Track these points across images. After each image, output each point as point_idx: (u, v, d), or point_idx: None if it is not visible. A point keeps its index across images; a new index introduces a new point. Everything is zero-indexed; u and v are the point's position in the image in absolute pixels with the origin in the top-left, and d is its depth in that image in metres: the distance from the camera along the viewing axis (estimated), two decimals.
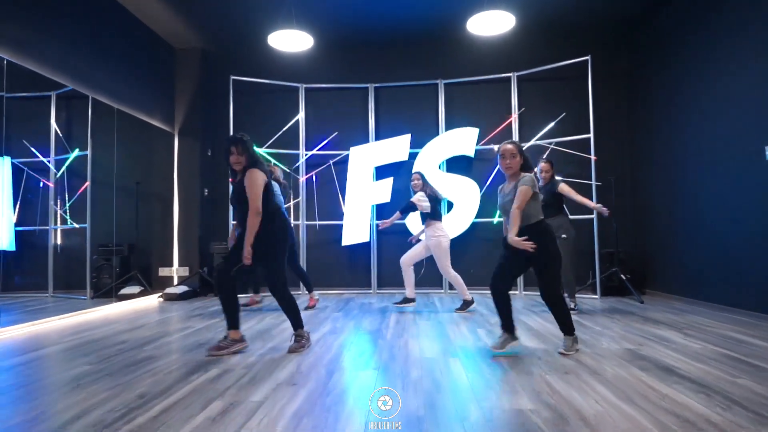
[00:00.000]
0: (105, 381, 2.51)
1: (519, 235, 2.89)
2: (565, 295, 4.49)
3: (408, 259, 4.96)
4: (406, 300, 4.99)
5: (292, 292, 3.28)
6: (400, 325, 4.08)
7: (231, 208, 4.89)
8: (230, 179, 3.36)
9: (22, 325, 4.18)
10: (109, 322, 4.43)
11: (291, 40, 5.50)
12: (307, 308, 5.07)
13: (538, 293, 3.10)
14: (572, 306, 4.61)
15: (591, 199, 5.68)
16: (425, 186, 4.89)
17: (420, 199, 4.79)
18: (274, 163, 6.01)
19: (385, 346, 3.29)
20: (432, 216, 4.83)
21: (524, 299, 5.60)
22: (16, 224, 5.57)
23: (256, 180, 3.05)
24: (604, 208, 4.56)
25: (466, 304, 4.82)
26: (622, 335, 3.54)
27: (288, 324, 4.12)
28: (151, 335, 3.75)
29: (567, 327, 3.04)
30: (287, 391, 2.32)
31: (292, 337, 3.25)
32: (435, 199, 4.85)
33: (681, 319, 4.16)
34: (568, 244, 4.41)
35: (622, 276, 5.58)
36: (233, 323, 3.16)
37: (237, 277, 3.12)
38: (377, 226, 4.70)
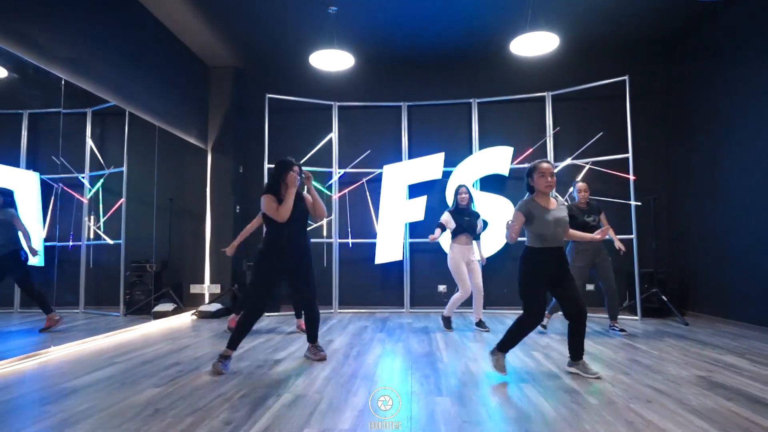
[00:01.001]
0: (182, 406, 2.47)
1: (561, 256, 3.09)
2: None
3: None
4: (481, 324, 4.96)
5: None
6: (452, 348, 4.02)
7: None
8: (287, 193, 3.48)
9: (69, 344, 4.14)
10: (151, 342, 4.39)
11: (331, 60, 5.53)
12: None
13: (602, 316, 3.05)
14: (620, 327, 4.70)
15: (630, 220, 5.67)
16: (471, 201, 5.00)
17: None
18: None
19: (448, 371, 3.24)
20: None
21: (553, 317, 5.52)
22: (47, 240, 5.59)
23: None
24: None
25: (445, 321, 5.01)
26: (685, 361, 3.47)
27: (336, 345, 4.09)
28: (202, 356, 3.70)
29: (577, 350, 3.13)
30: (371, 419, 2.27)
31: (314, 348, 3.64)
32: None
33: (737, 344, 4.08)
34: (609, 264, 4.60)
35: (663, 297, 5.50)
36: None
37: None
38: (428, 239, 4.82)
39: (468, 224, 4.84)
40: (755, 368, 3.23)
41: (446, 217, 4.90)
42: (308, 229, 3.72)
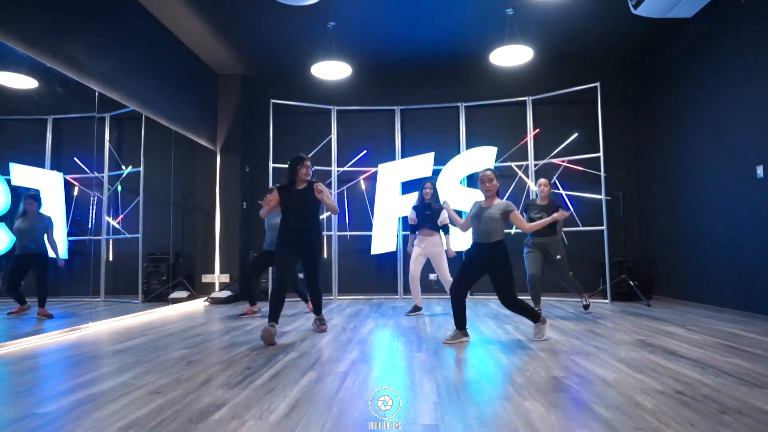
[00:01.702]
0: (209, 359, 3.07)
1: (486, 250, 3.57)
2: (581, 299, 5.11)
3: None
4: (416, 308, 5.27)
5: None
6: (436, 322, 4.62)
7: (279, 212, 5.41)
8: (280, 187, 4.12)
9: (102, 321, 4.75)
10: (171, 321, 4.99)
11: (331, 70, 6.13)
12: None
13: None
14: (586, 302, 5.18)
15: (601, 213, 6.26)
16: (435, 196, 5.15)
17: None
18: None
19: (429, 338, 3.84)
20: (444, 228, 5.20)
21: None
22: (71, 234, 6.18)
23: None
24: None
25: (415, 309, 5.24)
26: (632, 330, 4.07)
27: (335, 321, 4.68)
28: (218, 330, 4.31)
29: (533, 316, 3.65)
30: (364, 366, 2.87)
31: (318, 321, 4.25)
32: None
33: (684, 318, 4.68)
34: (563, 263, 4.85)
35: (631, 282, 6.10)
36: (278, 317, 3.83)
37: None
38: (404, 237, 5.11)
39: (428, 217, 5.04)
40: (687, 334, 3.83)
41: (411, 215, 5.18)
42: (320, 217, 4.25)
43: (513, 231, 6.81)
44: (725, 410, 2.06)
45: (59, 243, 5.31)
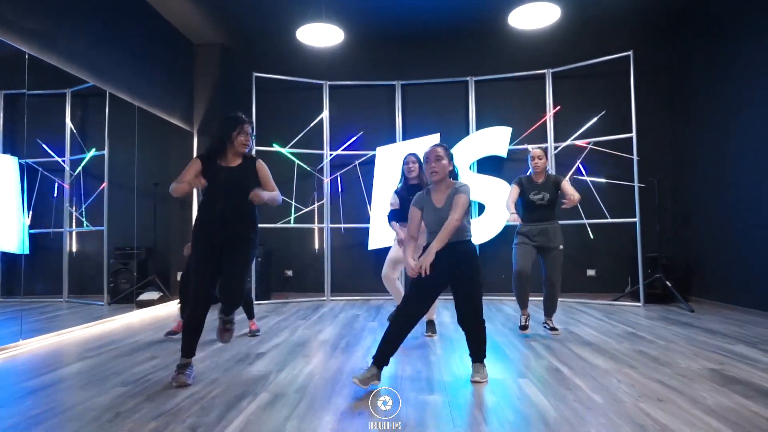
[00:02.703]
0: (146, 408, 2.25)
1: (447, 251, 2.60)
2: (545, 322, 3.87)
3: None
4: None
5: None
6: (445, 338, 3.81)
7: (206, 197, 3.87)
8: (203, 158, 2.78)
9: (41, 336, 3.92)
10: (133, 333, 4.18)
11: (320, 35, 5.25)
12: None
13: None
14: (550, 326, 3.81)
15: (633, 203, 5.43)
16: (422, 173, 3.68)
17: None
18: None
19: (441, 365, 3.02)
20: None
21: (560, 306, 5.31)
22: (30, 227, 5.36)
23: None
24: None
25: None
26: (694, 351, 3.26)
27: (325, 335, 3.86)
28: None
29: (483, 353, 2.74)
30: (356, 421, 2.06)
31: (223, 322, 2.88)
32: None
33: (746, 332, 3.87)
34: (561, 257, 3.75)
35: (667, 283, 5.30)
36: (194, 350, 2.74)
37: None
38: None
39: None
40: (766, 358, 3.03)
41: (393, 199, 3.79)
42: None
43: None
44: None
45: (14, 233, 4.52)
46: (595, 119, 5.85)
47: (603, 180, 5.83)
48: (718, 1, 5.33)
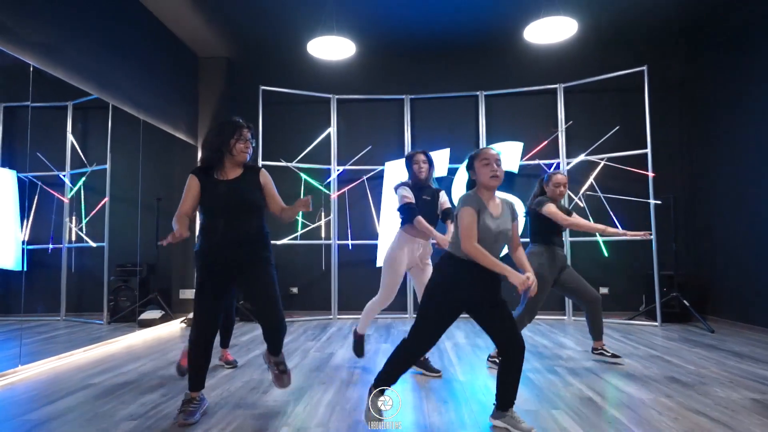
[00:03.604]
0: None
1: (448, 264, 2.30)
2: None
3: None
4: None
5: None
6: (465, 360, 3.66)
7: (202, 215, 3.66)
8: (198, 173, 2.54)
9: (41, 361, 3.72)
10: (136, 356, 4.00)
11: (331, 48, 5.15)
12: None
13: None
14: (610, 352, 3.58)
15: (649, 220, 5.31)
16: (432, 172, 3.42)
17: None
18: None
19: (467, 392, 2.87)
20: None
21: (574, 324, 5.17)
22: (28, 242, 5.21)
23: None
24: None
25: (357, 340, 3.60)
26: (729, 378, 3.12)
27: (338, 359, 3.68)
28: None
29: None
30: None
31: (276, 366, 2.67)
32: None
33: None
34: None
35: (685, 302, 5.17)
36: (203, 382, 2.52)
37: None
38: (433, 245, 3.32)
39: (426, 205, 3.30)
40: None
41: (408, 193, 3.27)
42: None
43: None
44: None
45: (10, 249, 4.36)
46: (609, 135, 5.75)
47: (617, 196, 5.72)
48: (731, 15, 5.28)
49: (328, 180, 6.21)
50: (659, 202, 5.41)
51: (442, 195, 3.45)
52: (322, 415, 2.48)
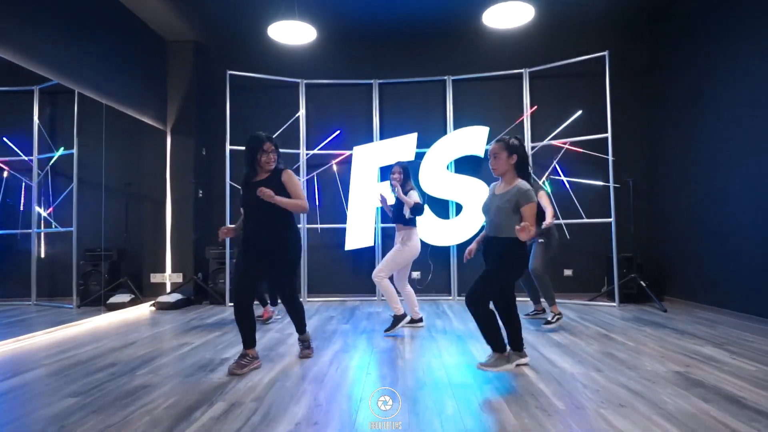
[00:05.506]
0: (93, 420, 2.17)
1: (503, 247, 2.84)
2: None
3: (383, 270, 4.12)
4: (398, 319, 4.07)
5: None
6: (418, 341, 3.77)
7: (231, 212, 4.18)
8: (245, 182, 3.13)
9: (3, 342, 3.79)
10: (98, 338, 4.06)
11: (292, 33, 5.15)
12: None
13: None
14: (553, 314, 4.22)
15: (608, 203, 5.43)
16: (407, 182, 4.15)
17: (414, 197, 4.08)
18: None
19: (408, 369, 2.97)
20: (411, 222, 4.15)
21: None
22: None
23: (298, 180, 3.16)
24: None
25: (397, 321, 4.05)
26: (662, 353, 3.25)
27: (295, 338, 3.78)
28: (144, 355, 3.39)
29: (488, 342, 3.00)
30: (310, 431, 2.00)
31: (301, 343, 3.35)
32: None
33: (716, 332, 3.89)
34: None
35: (642, 283, 5.31)
36: (252, 341, 3.05)
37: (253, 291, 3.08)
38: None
39: (396, 209, 4.20)
40: (734, 361, 3.02)
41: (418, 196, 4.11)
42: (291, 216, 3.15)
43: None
44: None
45: None
46: (571, 119, 5.84)
47: (579, 180, 5.83)
48: (692, 2, 5.34)
49: (297, 164, 6.24)
50: (618, 186, 5.53)
51: (411, 194, 4.14)
52: (260, 391, 2.57)
